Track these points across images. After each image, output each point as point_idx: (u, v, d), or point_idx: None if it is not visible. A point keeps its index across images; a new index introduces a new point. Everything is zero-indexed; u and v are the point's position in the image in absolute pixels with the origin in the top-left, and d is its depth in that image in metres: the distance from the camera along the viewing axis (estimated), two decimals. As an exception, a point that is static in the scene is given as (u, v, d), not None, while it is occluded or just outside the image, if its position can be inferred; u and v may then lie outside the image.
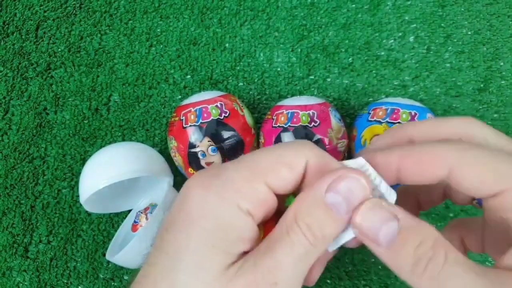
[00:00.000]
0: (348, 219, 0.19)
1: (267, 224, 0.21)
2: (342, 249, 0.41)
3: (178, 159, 0.37)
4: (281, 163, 0.19)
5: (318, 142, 0.35)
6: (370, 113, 0.36)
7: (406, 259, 0.18)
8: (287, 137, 0.35)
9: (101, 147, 0.42)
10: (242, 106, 0.38)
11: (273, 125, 0.36)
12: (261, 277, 0.18)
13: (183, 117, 0.36)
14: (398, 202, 0.20)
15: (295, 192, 0.21)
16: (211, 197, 0.18)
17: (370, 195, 0.19)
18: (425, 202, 0.25)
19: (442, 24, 0.43)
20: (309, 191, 0.19)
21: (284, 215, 0.19)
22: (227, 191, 0.18)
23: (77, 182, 0.43)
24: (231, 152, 0.36)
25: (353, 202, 0.19)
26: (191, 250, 0.18)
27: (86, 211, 0.42)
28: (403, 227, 0.18)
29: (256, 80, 0.44)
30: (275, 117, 0.37)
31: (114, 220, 0.42)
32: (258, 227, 0.20)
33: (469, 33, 0.43)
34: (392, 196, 0.20)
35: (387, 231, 0.18)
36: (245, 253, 0.19)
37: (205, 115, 0.36)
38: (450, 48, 0.43)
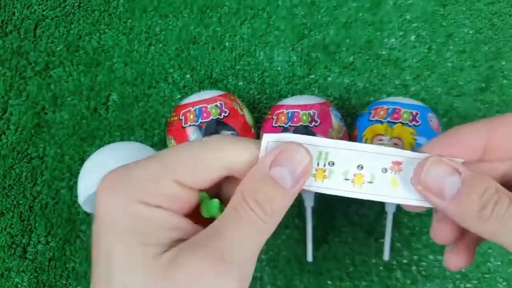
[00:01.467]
0: (296, 191, 0.20)
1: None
2: (342, 249, 0.40)
3: (178, 159, 0.37)
4: (194, 161, 0.19)
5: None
6: (371, 113, 0.36)
7: (472, 207, 0.19)
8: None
9: (99, 147, 0.41)
10: (242, 106, 0.38)
11: (274, 125, 0.36)
12: (207, 257, 0.17)
13: (183, 117, 0.36)
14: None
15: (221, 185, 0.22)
16: (118, 199, 0.18)
17: (312, 163, 0.20)
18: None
19: (444, 23, 0.43)
20: (253, 169, 0.20)
21: (232, 197, 0.19)
22: (133, 190, 0.19)
23: (75, 182, 0.42)
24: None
25: (297, 172, 0.19)
26: (116, 255, 0.18)
27: (85, 212, 0.41)
28: (465, 178, 0.19)
29: (256, 80, 0.44)
30: (275, 117, 0.36)
31: (113, 220, 0.42)
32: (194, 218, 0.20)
33: (471, 32, 0.43)
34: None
35: (452, 184, 0.19)
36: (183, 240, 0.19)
37: (205, 114, 0.35)
38: (451, 47, 0.43)
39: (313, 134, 0.35)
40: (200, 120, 0.35)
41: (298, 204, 0.41)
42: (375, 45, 0.43)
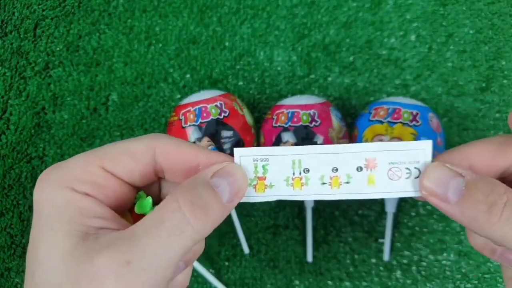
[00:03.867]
0: (230, 207, 0.20)
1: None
2: (342, 250, 0.40)
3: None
4: (122, 151, 0.20)
5: (319, 142, 0.35)
6: (371, 113, 0.36)
7: (479, 207, 0.18)
8: (287, 136, 0.35)
9: (99, 146, 0.41)
10: (242, 106, 0.38)
11: (274, 125, 0.36)
12: (112, 257, 0.17)
13: (182, 117, 0.36)
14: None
15: (150, 184, 0.22)
16: (47, 187, 0.19)
17: (247, 185, 0.21)
18: None
19: (444, 23, 0.43)
20: (193, 177, 0.20)
21: (163, 201, 0.19)
22: (62, 177, 0.19)
23: (75, 182, 0.42)
24: (231, 152, 0.36)
25: (235, 188, 0.20)
26: (40, 240, 0.18)
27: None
28: (469, 180, 0.19)
29: (256, 79, 0.44)
30: (275, 117, 0.36)
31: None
32: (125, 217, 0.20)
33: (471, 32, 0.43)
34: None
35: (455, 186, 0.19)
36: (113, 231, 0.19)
37: (205, 114, 0.35)
38: (451, 47, 0.43)
39: (313, 134, 0.35)
40: (200, 120, 0.35)
41: (298, 204, 0.41)
42: (375, 45, 0.43)
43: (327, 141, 0.35)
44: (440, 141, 0.35)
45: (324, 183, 0.22)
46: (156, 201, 0.21)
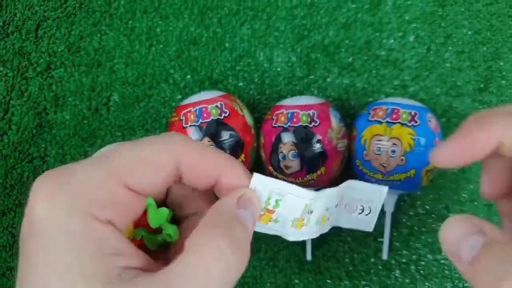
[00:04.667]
0: (251, 236, 0.19)
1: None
2: (342, 249, 0.41)
3: (178, 159, 0.37)
4: (144, 163, 0.17)
5: (318, 142, 0.35)
6: (370, 113, 0.36)
7: (492, 276, 0.15)
8: (287, 137, 0.35)
9: (101, 147, 0.42)
10: (242, 106, 0.38)
11: (273, 125, 0.36)
12: None
13: (183, 117, 0.36)
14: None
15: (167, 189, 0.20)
16: (60, 211, 0.15)
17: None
18: None
19: (442, 24, 0.43)
20: (220, 209, 0.19)
21: (192, 236, 0.17)
22: (78, 200, 0.16)
23: (77, 182, 0.42)
24: (231, 152, 0.36)
25: (256, 217, 0.20)
26: (49, 281, 0.15)
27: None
28: (489, 242, 0.16)
29: (256, 80, 0.44)
30: (275, 117, 0.37)
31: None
32: (129, 230, 0.18)
33: (469, 33, 0.43)
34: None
35: (470, 246, 0.17)
36: (132, 269, 0.16)
37: (205, 115, 0.36)
38: (450, 48, 0.43)
39: (312, 134, 0.35)
40: (200, 121, 0.35)
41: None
42: (374, 46, 0.43)
43: (327, 141, 0.35)
44: (439, 141, 0.35)
45: (317, 223, 0.23)
46: (160, 204, 0.20)
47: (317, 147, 0.35)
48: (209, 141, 0.35)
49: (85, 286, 0.15)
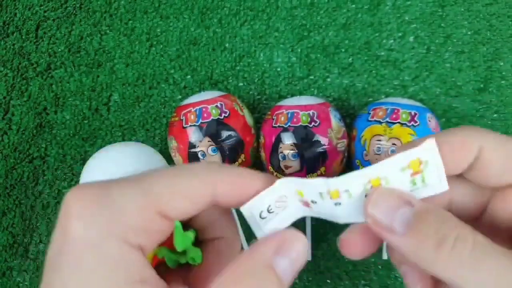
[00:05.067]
0: (289, 281, 0.17)
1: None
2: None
3: (178, 159, 0.37)
4: (179, 193, 0.17)
5: (318, 142, 0.35)
6: (370, 113, 0.36)
7: (427, 241, 0.16)
8: (287, 137, 0.35)
9: (101, 147, 0.42)
10: (242, 106, 0.38)
11: (273, 125, 0.36)
12: None
13: (183, 117, 0.36)
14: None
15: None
16: (96, 232, 0.16)
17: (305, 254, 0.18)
18: None
19: (442, 24, 0.43)
20: (250, 259, 0.17)
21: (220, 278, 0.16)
22: (115, 224, 0.16)
23: (77, 182, 0.43)
24: (231, 152, 0.36)
25: (297, 265, 0.17)
26: None
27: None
28: (418, 210, 0.17)
29: (256, 80, 0.44)
30: (275, 117, 0.37)
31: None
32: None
33: (469, 33, 0.43)
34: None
35: (402, 216, 0.17)
36: None
37: (205, 115, 0.36)
38: (450, 48, 0.43)
39: (312, 134, 0.35)
40: (200, 121, 0.36)
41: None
42: (374, 46, 0.43)
43: (327, 141, 0.35)
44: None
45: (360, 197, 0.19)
46: (184, 223, 0.20)
47: (317, 147, 0.35)
48: (209, 141, 0.35)
49: None
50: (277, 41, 0.44)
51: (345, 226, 0.41)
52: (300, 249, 0.17)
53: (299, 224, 0.41)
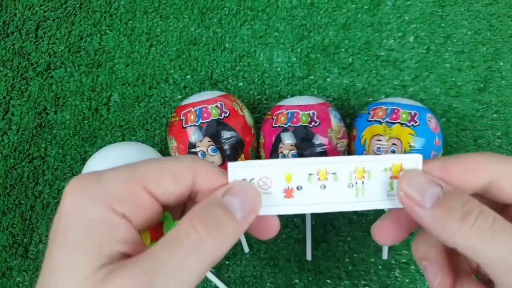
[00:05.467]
0: (244, 226, 0.20)
1: (156, 233, 0.22)
2: (342, 248, 0.41)
3: (178, 159, 0.37)
4: (165, 172, 0.20)
5: (318, 142, 0.35)
6: (370, 113, 0.36)
7: (453, 215, 0.18)
8: (287, 137, 0.35)
9: (101, 147, 0.42)
10: (242, 106, 0.38)
11: (273, 125, 0.36)
12: (134, 280, 0.17)
13: (183, 117, 0.36)
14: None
15: (182, 204, 0.22)
16: (83, 201, 0.18)
17: (260, 202, 0.20)
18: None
19: (442, 24, 0.43)
20: (205, 199, 0.20)
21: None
22: (101, 194, 0.18)
23: (77, 182, 0.42)
24: (231, 152, 0.36)
25: (248, 205, 0.20)
26: (62, 258, 0.17)
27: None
28: (446, 189, 0.19)
29: (256, 80, 0.44)
30: (275, 117, 0.37)
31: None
32: (143, 234, 0.20)
33: (469, 33, 0.43)
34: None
35: (433, 193, 0.19)
36: (128, 256, 0.18)
37: (205, 115, 0.36)
38: (450, 48, 0.43)
39: (312, 134, 0.35)
40: (200, 121, 0.36)
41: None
42: (374, 46, 0.43)
43: (327, 141, 0.35)
44: (439, 141, 0.35)
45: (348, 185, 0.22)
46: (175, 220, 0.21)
47: (317, 147, 0.35)
48: (209, 141, 0.35)
49: (86, 263, 0.17)
50: (277, 41, 0.44)
51: (345, 226, 0.41)
52: (248, 193, 0.20)
53: (299, 224, 0.41)
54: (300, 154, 0.35)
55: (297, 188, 0.21)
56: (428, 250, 0.22)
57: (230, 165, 0.21)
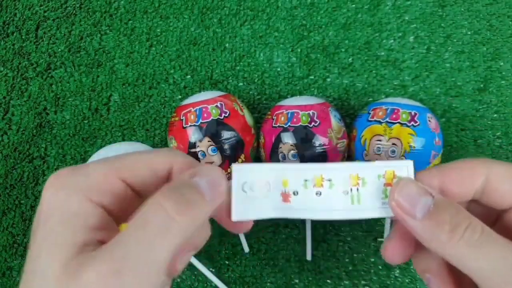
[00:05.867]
0: (212, 205, 0.20)
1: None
2: (342, 248, 0.41)
3: (178, 159, 0.37)
4: (141, 162, 0.20)
5: (318, 142, 0.35)
6: (370, 113, 0.36)
7: (443, 226, 0.19)
8: (287, 137, 0.35)
9: (101, 147, 0.42)
10: (242, 106, 0.38)
11: (273, 125, 0.36)
12: (102, 269, 0.17)
13: (183, 117, 0.36)
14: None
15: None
16: (61, 194, 0.19)
17: (225, 182, 0.20)
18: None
19: (442, 24, 0.43)
20: (173, 180, 0.20)
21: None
22: (79, 186, 0.19)
23: (77, 182, 0.42)
24: (231, 152, 0.36)
25: (214, 185, 0.20)
26: (41, 250, 0.18)
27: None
28: (437, 200, 0.19)
29: (256, 80, 0.44)
30: (275, 117, 0.37)
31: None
32: (121, 225, 0.20)
33: (469, 33, 0.43)
34: None
35: (424, 203, 0.19)
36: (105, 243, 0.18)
37: (205, 115, 0.36)
38: (450, 48, 0.43)
39: (312, 134, 0.35)
40: (200, 121, 0.36)
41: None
42: (374, 46, 0.43)
43: (327, 141, 0.35)
44: (439, 141, 0.35)
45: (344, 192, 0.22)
46: None
47: (317, 147, 0.35)
48: (209, 141, 0.35)
49: (63, 251, 0.17)
50: (277, 41, 0.44)
51: (345, 226, 0.41)
52: (214, 174, 0.20)
53: (299, 225, 0.41)
54: (300, 154, 0.35)
55: (294, 193, 0.22)
56: (429, 262, 0.22)
57: (234, 167, 0.21)
